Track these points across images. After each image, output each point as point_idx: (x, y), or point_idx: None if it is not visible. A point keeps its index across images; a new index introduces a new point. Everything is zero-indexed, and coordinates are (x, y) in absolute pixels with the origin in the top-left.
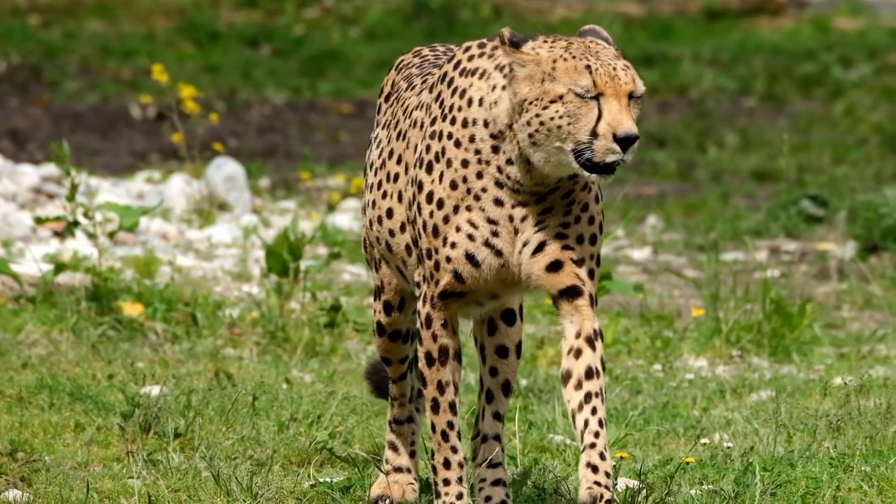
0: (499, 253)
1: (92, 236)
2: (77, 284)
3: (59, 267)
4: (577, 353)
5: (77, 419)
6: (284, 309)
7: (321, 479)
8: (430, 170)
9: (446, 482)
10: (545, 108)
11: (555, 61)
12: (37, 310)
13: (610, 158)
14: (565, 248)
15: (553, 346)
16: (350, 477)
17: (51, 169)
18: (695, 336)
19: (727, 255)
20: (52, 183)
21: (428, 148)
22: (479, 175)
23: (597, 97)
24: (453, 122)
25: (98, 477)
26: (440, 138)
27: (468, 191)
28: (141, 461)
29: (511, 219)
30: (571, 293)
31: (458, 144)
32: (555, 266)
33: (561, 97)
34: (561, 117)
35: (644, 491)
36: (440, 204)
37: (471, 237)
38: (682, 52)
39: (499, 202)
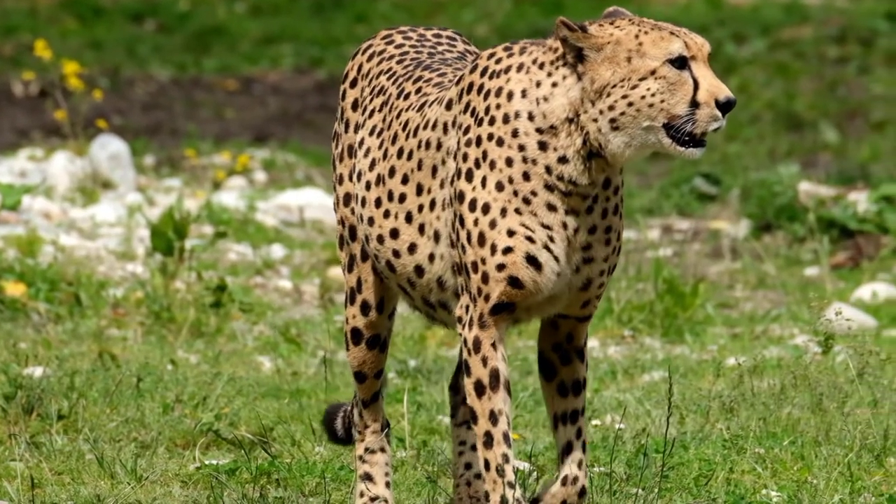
0: (557, 259)
1: None
2: None
3: None
4: (565, 358)
5: None
6: (169, 289)
7: (207, 462)
8: (470, 177)
9: None
10: (634, 87)
11: (637, 36)
12: None
13: (712, 127)
14: (600, 286)
15: (440, 328)
16: (236, 459)
17: None
18: None
19: None
20: None
21: (465, 157)
22: (526, 176)
23: (688, 65)
24: (492, 121)
25: None
26: (478, 143)
27: (515, 193)
28: (23, 443)
29: (565, 226)
30: (582, 319)
31: (500, 143)
32: (587, 303)
33: (653, 72)
34: (653, 94)
35: (535, 473)
36: (486, 209)
37: (530, 239)
38: None
39: (552, 207)
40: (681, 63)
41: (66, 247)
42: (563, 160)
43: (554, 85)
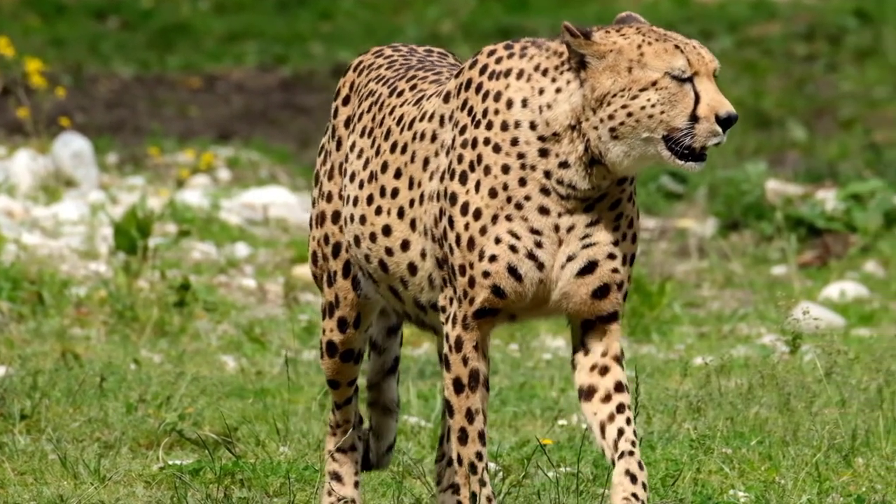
0: (541, 266)
1: None
2: None
3: None
4: (604, 371)
5: None
6: (133, 288)
7: (170, 462)
8: (464, 180)
9: None
10: (634, 97)
11: (640, 46)
12: None
13: (712, 142)
14: (614, 270)
15: (406, 326)
16: (200, 459)
17: None
18: None
19: None
20: None
21: (460, 158)
22: (522, 182)
23: (690, 79)
24: (490, 126)
25: None
26: (474, 146)
27: (508, 199)
28: None
29: (556, 228)
30: (608, 319)
31: (497, 149)
32: (602, 292)
33: (654, 83)
34: (653, 105)
35: (501, 473)
36: (477, 214)
37: (513, 249)
38: (539, 26)
39: (544, 210)
40: (685, 75)
41: (28, 245)
42: (564, 165)
43: (558, 91)
